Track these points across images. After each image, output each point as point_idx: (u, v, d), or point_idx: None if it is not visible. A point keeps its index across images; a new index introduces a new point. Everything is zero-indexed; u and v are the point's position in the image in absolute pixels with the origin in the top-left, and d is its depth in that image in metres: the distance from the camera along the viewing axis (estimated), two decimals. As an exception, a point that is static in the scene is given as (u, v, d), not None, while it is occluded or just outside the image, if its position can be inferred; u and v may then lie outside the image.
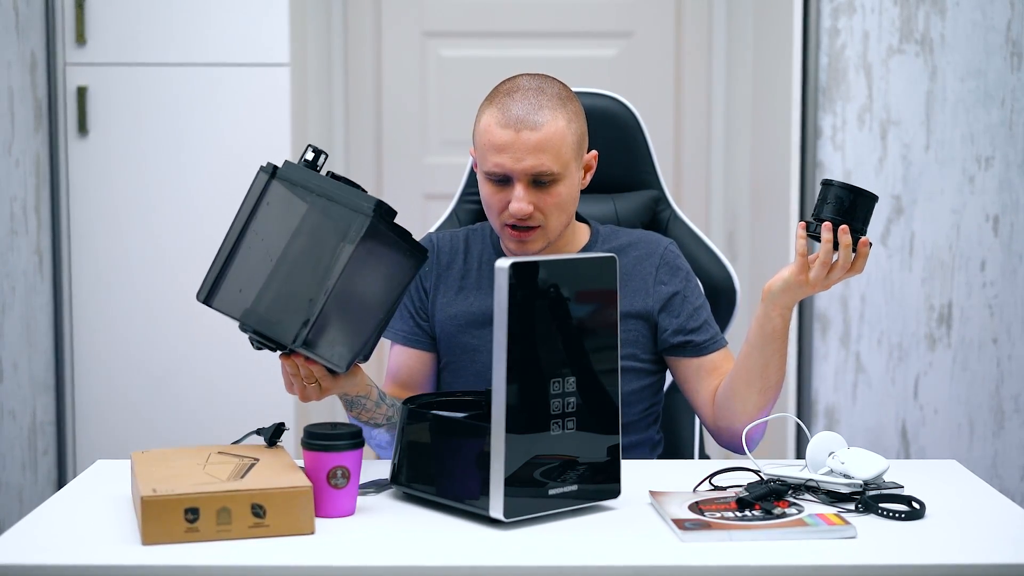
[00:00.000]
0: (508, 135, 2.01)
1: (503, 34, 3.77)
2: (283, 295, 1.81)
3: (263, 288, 1.82)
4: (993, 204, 3.16)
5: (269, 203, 1.84)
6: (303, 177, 1.83)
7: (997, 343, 3.19)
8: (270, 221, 1.84)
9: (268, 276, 1.82)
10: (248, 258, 1.84)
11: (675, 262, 2.17)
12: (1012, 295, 3.18)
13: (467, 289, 2.17)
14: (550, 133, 2.01)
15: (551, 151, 2.01)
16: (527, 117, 2.02)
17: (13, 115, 3.00)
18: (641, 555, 1.59)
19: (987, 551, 1.61)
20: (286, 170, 1.84)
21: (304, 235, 1.81)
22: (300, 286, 1.80)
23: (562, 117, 2.03)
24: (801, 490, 1.80)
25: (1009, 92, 3.13)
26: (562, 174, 2.03)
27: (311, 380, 1.90)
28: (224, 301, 1.85)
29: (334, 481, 1.70)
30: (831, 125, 3.16)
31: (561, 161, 2.02)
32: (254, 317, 1.82)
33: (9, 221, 2.98)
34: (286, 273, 1.81)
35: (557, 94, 2.06)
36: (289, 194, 1.83)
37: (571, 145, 2.04)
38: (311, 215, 1.81)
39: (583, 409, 1.70)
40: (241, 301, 1.83)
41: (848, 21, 3.14)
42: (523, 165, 2.01)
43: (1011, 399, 3.20)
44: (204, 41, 3.17)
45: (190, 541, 1.60)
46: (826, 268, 1.89)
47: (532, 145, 2.00)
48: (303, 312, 1.79)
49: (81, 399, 3.23)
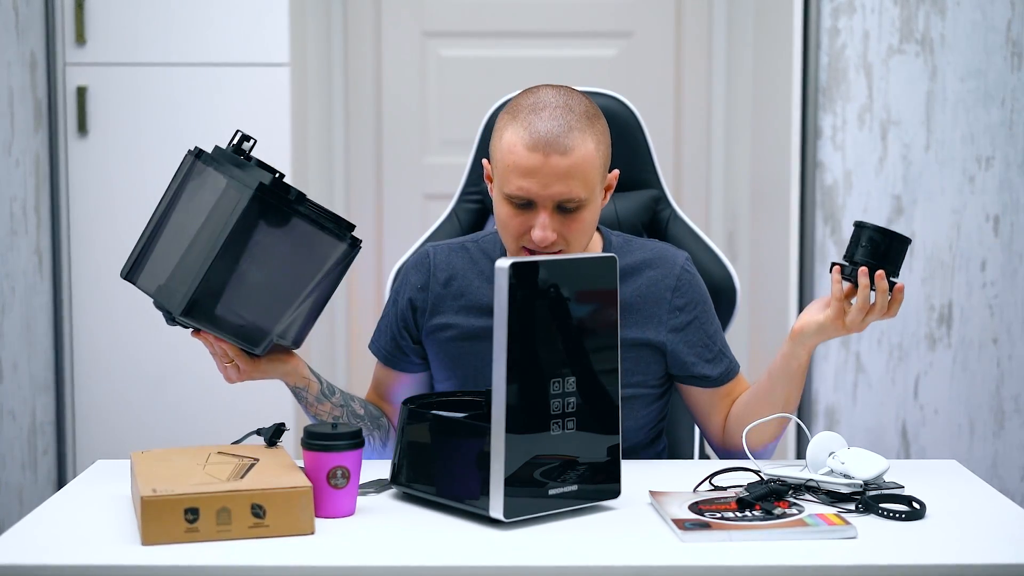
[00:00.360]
0: (536, 159, 1.89)
1: (503, 34, 3.77)
2: (185, 270, 1.84)
3: (176, 265, 1.85)
4: (993, 204, 3.15)
5: (192, 184, 1.87)
6: (225, 160, 1.86)
7: (997, 343, 3.19)
8: (191, 202, 1.87)
9: (182, 254, 1.85)
10: (169, 237, 1.88)
11: (691, 283, 2.10)
12: (1012, 295, 3.18)
13: (466, 309, 2.10)
14: (580, 158, 1.90)
15: (580, 177, 1.90)
16: (556, 140, 1.89)
17: (13, 115, 3.00)
18: (641, 555, 1.59)
19: (987, 551, 1.61)
20: (212, 153, 1.87)
21: (213, 214, 1.83)
22: (190, 257, 1.83)
23: (591, 139, 1.92)
24: (801, 490, 1.80)
25: (1009, 92, 3.13)
26: (589, 199, 1.93)
27: (226, 359, 1.92)
28: (144, 279, 1.89)
29: (334, 481, 1.70)
30: (831, 125, 3.16)
31: (589, 187, 1.92)
32: (162, 293, 1.86)
33: (9, 221, 2.98)
34: (193, 250, 1.84)
35: (585, 112, 1.94)
36: (210, 176, 1.85)
37: (599, 169, 1.94)
38: (224, 193, 1.83)
39: (583, 409, 1.70)
40: (157, 279, 1.87)
41: (848, 21, 3.14)
42: (550, 191, 1.90)
43: (1011, 399, 3.19)
44: (204, 41, 3.17)
45: (190, 541, 1.60)
46: (863, 313, 1.88)
47: (561, 171, 1.89)
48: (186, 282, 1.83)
49: (81, 399, 3.23)
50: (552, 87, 1.98)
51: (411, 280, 2.13)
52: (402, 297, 2.14)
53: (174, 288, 1.84)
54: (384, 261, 3.70)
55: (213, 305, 1.83)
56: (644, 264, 2.11)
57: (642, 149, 2.38)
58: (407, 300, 2.13)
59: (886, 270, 1.88)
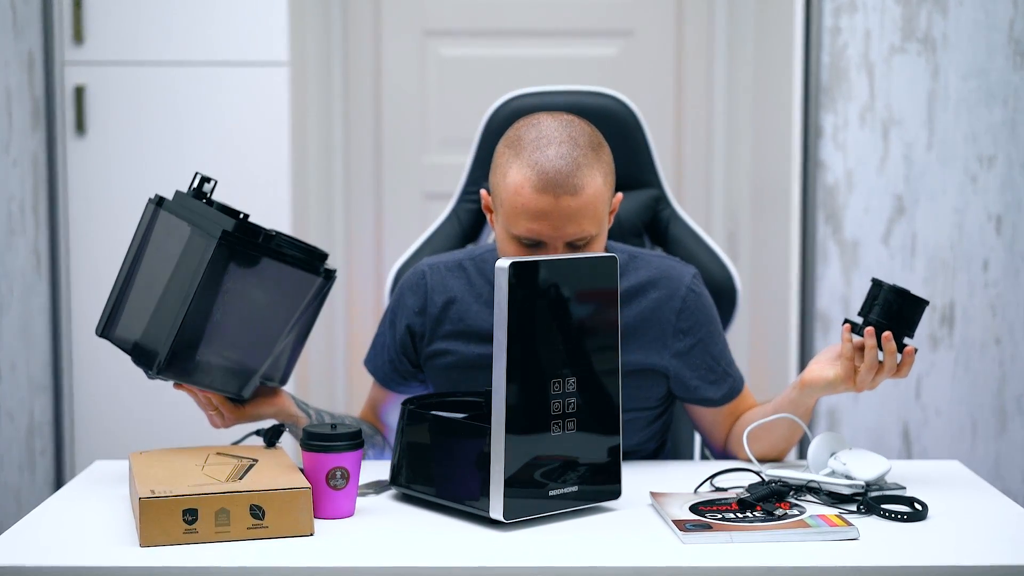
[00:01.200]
0: (546, 201, 1.85)
1: (503, 34, 3.76)
2: (158, 324, 1.81)
3: (150, 320, 1.83)
4: (995, 204, 3.15)
5: (157, 234, 1.85)
6: (187, 206, 1.83)
7: (1000, 343, 3.18)
8: (158, 251, 1.84)
9: (154, 308, 1.83)
10: (140, 290, 1.86)
11: (696, 304, 2.06)
12: (1015, 295, 3.17)
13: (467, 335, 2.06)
14: (591, 196, 1.86)
15: (591, 215, 1.87)
16: (566, 181, 1.85)
17: (11, 114, 2.99)
18: (642, 556, 1.58)
19: (989, 552, 1.61)
20: (173, 200, 1.84)
21: (181, 264, 1.81)
22: (163, 311, 1.81)
23: (599, 174, 1.88)
24: (803, 491, 1.79)
25: (1012, 91, 3.13)
26: (597, 234, 1.90)
27: (210, 407, 1.90)
28: (119, 335, 1.87)
29: (333, 482, 1.69)
30: (832, 124, 3.15)
31: (599, 221, 1.89)
32: (138, 350, 1.84)
33: (7, 221, 2.97)
34: (164, 302, 1.82)
35: (589, 143, 1.90)
36: (174, 224, 1.83)
37: (607, 201, 1.91)
38: (179, 242, 1.81)
39: (583, 410, 1.69)
40: (132, 334, 1.85)
41: (850, 20, 3.13)
42: (562, 233, 1.86)
43: (1014, 400, 3.19)
44: (203, 40, 3.17)
45: (188, 542, 1.59)
46: (872, 373, 1.86)
47: (572, 212, 1.85)
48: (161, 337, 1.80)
49: (79, 399, 3.23)
50: (552, 116, 1.93)
51: (408, 303, 2.09)
52: (399, 321, 2.10)
53: (149, 345, 1.82)
54: (384, 261, 3.70)
55: (191, 357, 1.81)
56: (649, 284, 2.06)
57: (642, 149, 2.38)
58: (405, 326, 2.09)
59: (897, 331, 1.85)
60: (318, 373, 3.57)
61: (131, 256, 1.87)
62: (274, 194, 3.19)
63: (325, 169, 3.72)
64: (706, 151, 3.82)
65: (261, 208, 3.18)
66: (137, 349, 1.85)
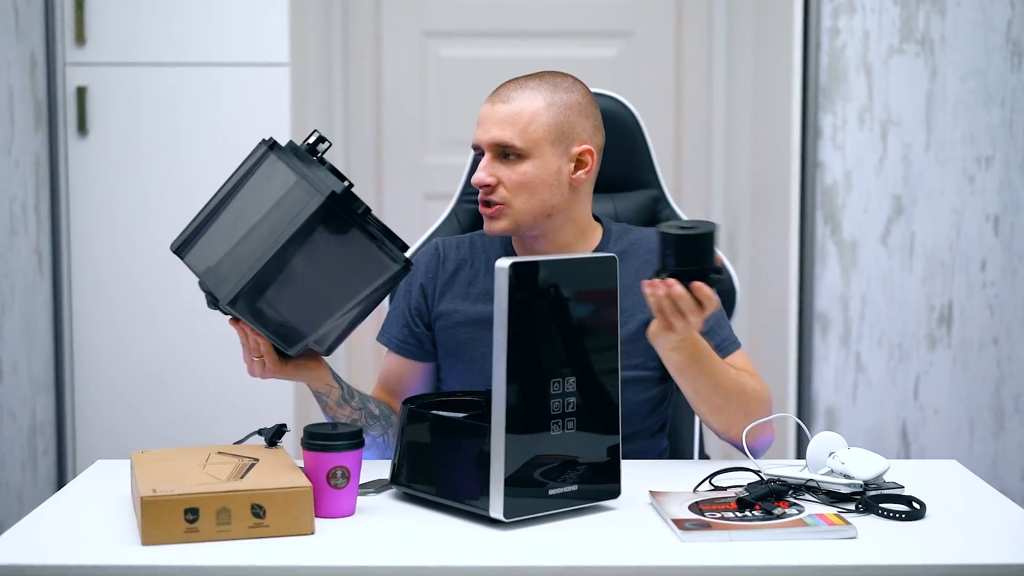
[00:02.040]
0: (486, 108, 2.04)
1: (503, 34, 3.77)
2: (238, 259, 1.84)
3: (229, 251, 1.86)
4: (993, 204, 3.15)
5: (259, 174, 1.87)
6: (299, 157, 1.85)
7: (997, 343, 3.19)
8: (254, 191, 1.86)
9: (237, 241, 1.85)
10: (226, 222, 1.88)
11: None
12: (1012, 295, 3.18)
13: (474, 296, 2.13)
14: (519, 108, 2.01)
15: (517, 124, 2.01)
16: (503, 91, 2.04)
17: (13, 115, 3.00)
18: (641, 555, 1.59)
19: (988, 551, 1.61)
20: (286, 147, 1.86)
21: (277, 208, 1.84)
22: (253, 252, 1.83)
23: (541, 99, 2.02)
24: (801, 490, 1.80)
25: (1009, 92, 3.13)
26: (528, 151, 2.01)
27: (256, 353, 1.92)
28: (193, 257, 1.90)
29: (334, 481, 1.70)
30: (831, 125, 3.16)
31: (527, 138, 2.01)
32: (210, 277, 1.87)
33: (9, 221, 2.98)
34: (250, 240, 1.84)
35: (550, 82, 2.05)
36: (280, 171, 1.85)
37: (544, 126, 2.02)
38: (291, 190, 1.83)
39: (583, 409, 1.70)
40: (207, 260, 1.87)
41: (848, 21, 3.14)
42: (489, 135, 2.02)
43: (1011, 399, 3.19)
44: (204, 41, 3.17)
45: (190, 541, 1.60)
46: (678, 317, 1.84)
47: (500, 117, 2.01)
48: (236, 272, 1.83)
49: (81, 399, 3.23)
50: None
51: (420, 269, 2.17)
52: (413, 285, 2.16)
53: (224, 275, 1.85)
54: (384, 261, 3.70)
55: (258, 299, 1.84)
56: (640, 244, 2.13)
57: (642, 149, 2.39)
58: (419, 286, 2.16)
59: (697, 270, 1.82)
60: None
61: (227, 188, 1.89)
62: (275, 194, 3.19)
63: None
64: (705, 152, 3.83)
65: (262, 208, 3.19)
66: (207, 274, 1.87)
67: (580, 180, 2.06)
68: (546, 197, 2.04)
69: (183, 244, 1.91)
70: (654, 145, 2.41)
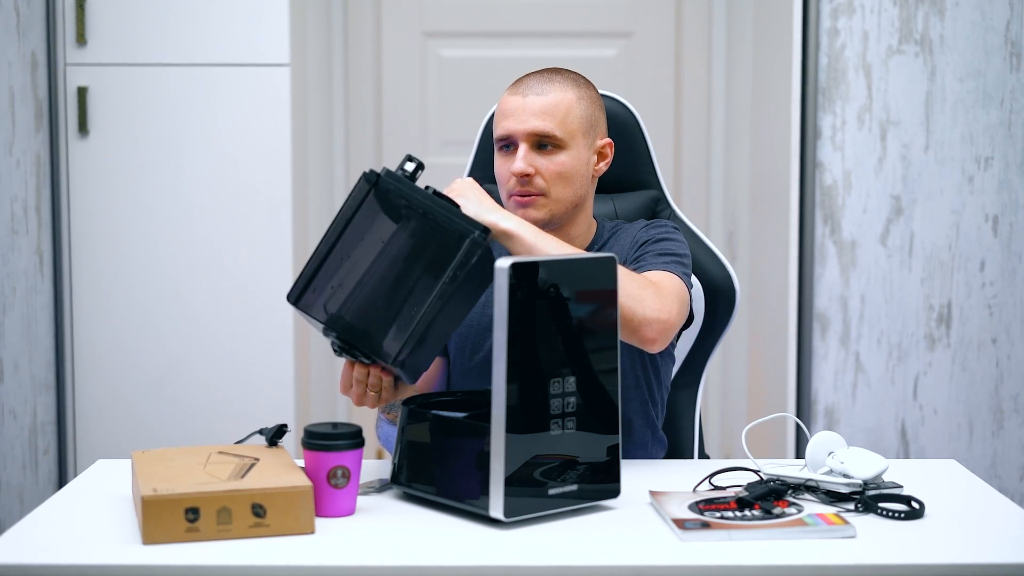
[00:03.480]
0: (516, 101, 2.05)
1: (503, 34, 3.77)
2: (371, 306, 1.81)
3: (350, 296, 1.82)
4: (992, 204, 3.16)
5: (366, 212, 1.83)
6: (403, 189, 1.82)
7: (996, 343, 3.19)
8: (365, 230, 1.83)
9: (356, 284, 1.82)
10: (339, 265, 1.84)
11: (655, 224, 2.14)
12: (1011, 295, 3.18)
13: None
14: (557, 99, 2.04)
15: (556, 116, 2.03)
16: (536, 84, 2.06)
17: (14, 115, 3.00)
18: (641, 555, 1.59)
19: (986, 551, 1.61)
20: (386, 180, 1.82)
21: (398, 249, 1.80)
22: (391, 300, 1.80)
23: (572, 91, 2.06)
24: (801, 490, 1.80)
25: (1008, 92, 3.14)
26: (566, 142, 2.04)
27: (376, 389, 1.90)
28: (310, 305, 1.85)
29: (334, 481, 1.70)
30: (831, 125, 3.16)
31: (566, 128, 2.04)
32: (340, 324, 1.83)
33: (10, 221, 2.98)
34: (377, 284, 1.81)
35: (573, 77, 2.09)
36: (387, 205, 1.81)
37: (579, 118, 2.06)
38: (406, 229, 1.80)
39: (583, 409, 1.70)
40: (327, 306, 1.84)
41: (848, 21, 3.14)
42: (526, 126, 2.03)
43: (1010, 399, 3.20)
44: (204, 41, 3.18)
45: (190, 541, 1.60)
46: None
47: (537, 108, 2.03)
48: (393, 327, 1.79)
49: (81, 399, 3.24)
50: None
51: None
52: None
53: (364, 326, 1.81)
54: (384, 261, 3.70)
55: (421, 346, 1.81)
56: (623, 233, 2.16)
57: (641, 149, 2.39)
58: None
59: None
60: (319, 375, 3.57)
61: (335, 231, 1.84)
62: (274, 194, 3.20)
63: (326, 169, 3.72)
64: (705, 152, 3.83)
65: (261, 208, 3.20)
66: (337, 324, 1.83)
67: (600, 172, 2.13)
68: (578, 187, 2.08)
69: (300, 293, 1.85)
70: (654, 145, 2.41)
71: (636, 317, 1.90)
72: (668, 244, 2.09)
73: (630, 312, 1.90)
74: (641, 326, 1.91)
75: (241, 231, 3.20)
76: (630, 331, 1.92)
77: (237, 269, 3.21)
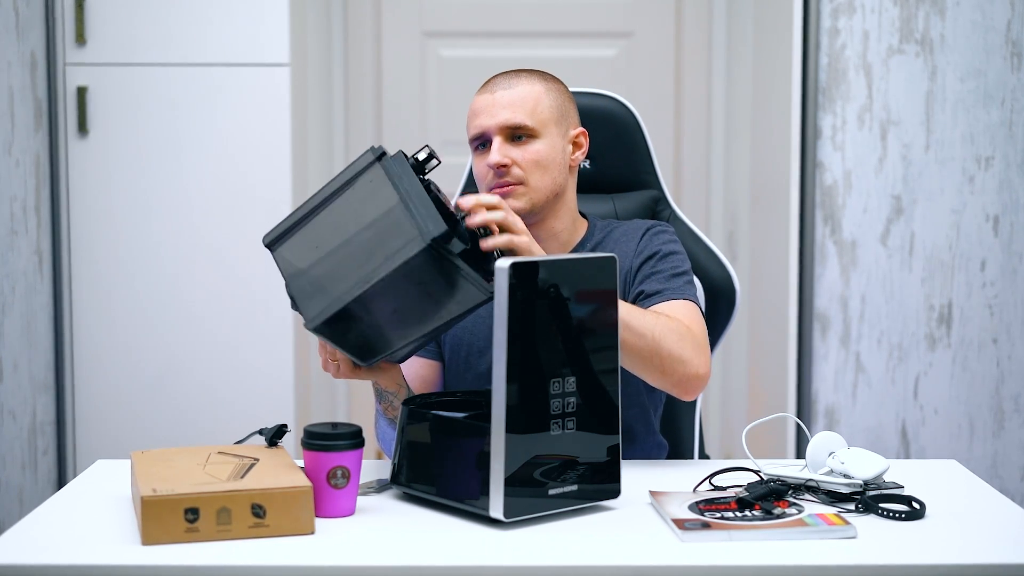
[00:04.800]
0: (485, 98, 2.09)
1: (503, 34, 3.77)
2: (328, 273, 1.82)
3: (320, 259, 1.83)
4: (993, 204, 3.16)
5: (362, 184, 1.83)
6: (402, 173, 1.81)
7: (997, 343, 3.19)
8: (355, 201, 1.83)
9: (329, 250, 1.82)
10: (321, 226, 1.84)
11: (656, 231, 2.13)
12: (1012, 295, 3.18)
13: None
14: (525, 91, 2.07)
15: (525, 107, 2.06)
16: (502, 79, 2.10)
17: (13, 115, 3.00)
18: (641, 555, 1.59)
19: (987, 551, 1.61)
20: (392, 160, 1.81)
21: (374, 227, 1.80)
22: (344, 272, 1.80)
23: (540, 84, 2.09)
24: (801, 490, 1.80)
25: (1009, 92, 3.14)
26: (539, 131, 2.06)
27: (333, 359, 1.94)
28: (283, 255, 1.87)
29: (334, 481, 1.70)
30: (831, 125, 3.16)
31: (536, 118, 2.06)
32: (297, 282, 1.85)
33: (9, 221, 2.98)
34: (342, 255, 1.81)
35: (539, 73, 2.13)
36: (382, 184, 1.81)
37: (549, 107, 2.08)
38: (381, 210, 1.80)
39: (583, 409, 1.70)
40: (297, 262, 1.85)
41: (848, 21, 3.14)
42: (497, 120, 2.06)
43: (1011, 399, 3.20)
44: (204, 41, 3.17)
45: (190, 541, 1.60)
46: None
47: (507, 101, 2.06)
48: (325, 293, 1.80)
49: (81, 399, 3.23)
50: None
51: None
52: None
53: (310, 291, 1.82)
54: (384, 261, 3.70)
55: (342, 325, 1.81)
56: (619, 234, 2.16)
57: (641, 149, 2.39)
58: None
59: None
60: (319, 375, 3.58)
61: (327, 192, 1.84)
62: (274, 194, 3.20)
63: (326, 170, 3.72)
64: (705, 152, 3.83)
65: (261, 208, 3.19)
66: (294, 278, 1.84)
67: (576, 161, 2.14)
68: (556, 175, 2.09)
69: (276, 239, 1.88)
70: (654, 145, 2.41)
71: (678, 374, 1.94)
72: (676, 260, 2.10)
73: (672, 370, 1.93)
74: (682, 382, 1.95)
75: (240, 231, 3.19)
76: (670, 385, 1.95)
77: (236, 269, 3.21)
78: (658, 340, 1.91)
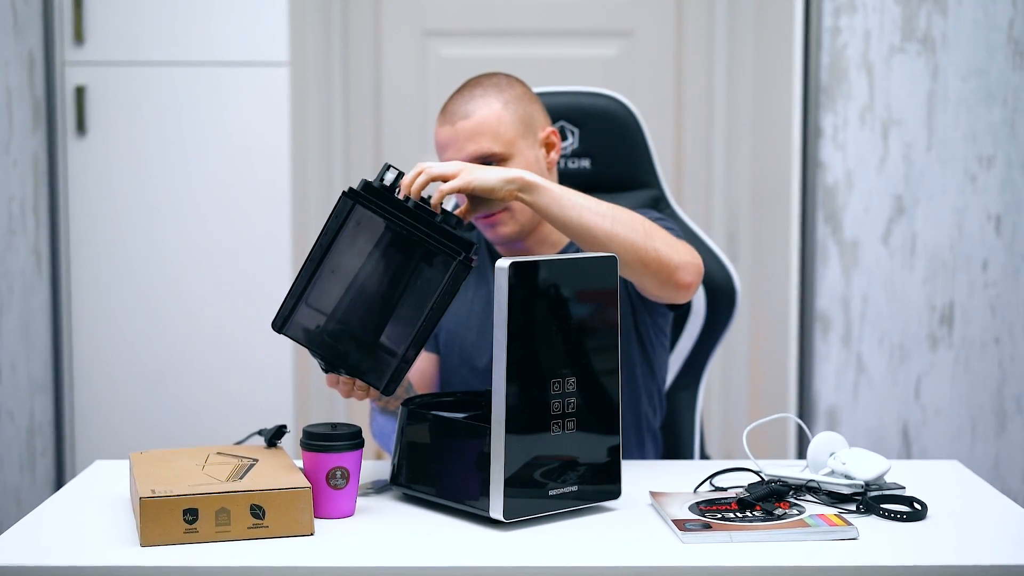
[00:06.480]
0: (447, 131, 2.07)
1: (503, 34, 3.77)
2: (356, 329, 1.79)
3: (335, 318, 1.80)
4: (995, 204, 3.15)
5: (349, 229, 1.78)
6: (384, 206, 1.77)
7: (999, 343, 3.18)
8: (347, 247, 1.79)
9: (341, 307, 1.79)
10: (324, 284, 1.80)
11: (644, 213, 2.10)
12: (1014, 295, 3.17)
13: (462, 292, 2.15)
14: (483, 116, 2.06)
15: (488, 133, 2.05)
16: (459, 109, 2.08)
17: (11, 115, 2.99)
18: (641, 556, 1.58)
19: (989, 552, 1.61)
20: (367, 198, 1.77)
21: (381, 270, 1.77)
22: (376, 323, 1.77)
23: (496, 100, 2.08)
24: (802, 491, 1.79)
25: (1011, 91, 3.13)
26: (508, 153, 2.06)
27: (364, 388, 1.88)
28: (296, 328, 1.82)
29: (333, 482, 1.70)
30: (832, 124, 3.16)
31: (502, 141, 2.06)
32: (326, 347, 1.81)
33: (7, 221, 2.98)
34: (362, 306, 1.78)
35: (494, 84, 2.12)
36: (369, 225, 1.77)
37: (511, 124, 2.07)
38: (389, 242, 1.77)
39: (583, 409, 1.69)
40: (313, 329, 1.81)
41: (849, 20, 3.13)
42: (464, 154, 2.05)
43: (1013, 399, 3.19)
44: (203, 40, 3.17)
45: (189, 542, 1.60)
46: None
47: (469, 132, 2.05)
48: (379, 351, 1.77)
49: (80, 399, 3.23)
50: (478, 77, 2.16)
51: None
52: None
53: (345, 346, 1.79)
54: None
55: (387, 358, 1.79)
56: None
57: (642, 149, 2.38)
58: None
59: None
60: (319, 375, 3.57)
61: (318, 252, 1.79)
62: (274, 194, 3.19)
63: (325, 170, 3.72)
64: (706, 151, 3.83)
65: (261, 207, 3.19)
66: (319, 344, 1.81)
67: (553, 161, 2.14)
68: None
69: (284, 320, 1.83)
70: (654, 145, 2.40)
71: (672, 261, 1.90)
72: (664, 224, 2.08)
73: (664, 257, 1.90)
74: (678, 269, 1.91)
75: (240, 230, 3.19)
76: (663, 278, 1.91)
77: (236, 268, 3.20)
78: (650, 234, 1.91)
